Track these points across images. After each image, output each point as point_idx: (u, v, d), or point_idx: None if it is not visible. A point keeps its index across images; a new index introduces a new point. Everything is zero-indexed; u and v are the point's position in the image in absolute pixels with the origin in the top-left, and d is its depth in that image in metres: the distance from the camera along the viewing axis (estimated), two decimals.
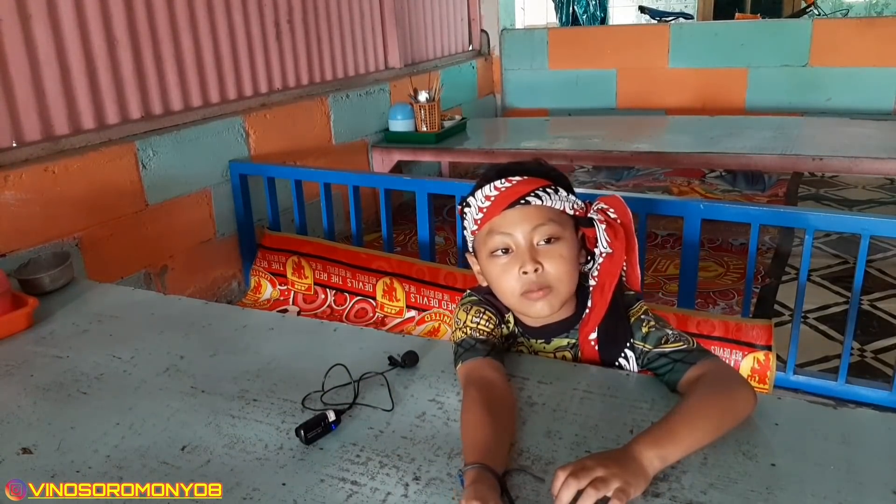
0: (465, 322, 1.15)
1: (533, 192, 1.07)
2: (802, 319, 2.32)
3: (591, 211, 1.10)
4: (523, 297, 1.06)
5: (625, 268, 1.12)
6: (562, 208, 1.08)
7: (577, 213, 1.10)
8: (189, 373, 1.22)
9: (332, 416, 1.01)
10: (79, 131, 2.28)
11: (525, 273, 1.05)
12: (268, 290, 2.74)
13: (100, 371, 1.25)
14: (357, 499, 0.88)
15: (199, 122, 2.65)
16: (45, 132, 2.18)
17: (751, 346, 1.78)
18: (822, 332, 2.50)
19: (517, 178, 1.07)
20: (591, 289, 1.11)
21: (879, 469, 0.89)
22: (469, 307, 1.16)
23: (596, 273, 1.11)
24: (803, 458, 0.91)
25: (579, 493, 0.79)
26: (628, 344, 1.11)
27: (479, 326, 1.14)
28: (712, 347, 1.68)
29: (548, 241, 1.06)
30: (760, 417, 0.99)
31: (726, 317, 1.92)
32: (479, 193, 1.09)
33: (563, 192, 1.08)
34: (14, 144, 2.09)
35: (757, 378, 1.77)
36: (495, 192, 1.07)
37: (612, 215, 1.09)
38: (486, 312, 1.15)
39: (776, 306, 2.73)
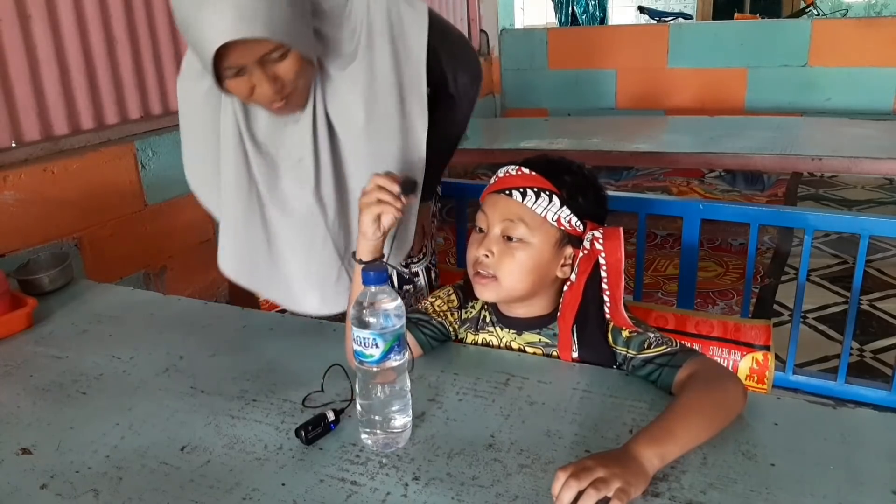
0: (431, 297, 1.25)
1: (522, 188, 1.08)
2: (802, 319, 2.32)
3: (585, 236, 1.10)
4: (475, 276, 1.11)
5: (608, 303, 1.11)
6: (544, 216, 1.08)
7: (568, 230, 1.10)
8: (189, 373, 1.22)
9: (331, 416, 1.01)
10: (78, 131, 2.27)
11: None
12: None
13: (99, 371, 1.25)
14: (357, 499, 0.88)
15: None
16: (44, 132, 2.17)
17: (749, 347, 1.77)
18: (821, 331, 2.51)
19: (527, 171, 1.10)
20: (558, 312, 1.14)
21: (879, 469, 0.89)
22: (450, 289, 1.23)
23: (561, 299, 1.13)
24: (803, 458, 0.91)
25: (580, 494, 0.79)
26: (615, 365, 1.13)
27: (435, 305, 1.22)
28: (711, 348, 1.67)
29: (518, 238, 1.08)
30: (760, 417, 0.99)
31: (725, 317, 1.92)
32: (498, 171, 1.15)
33: (556, 202, 1.08)
34: (13, 144, 2.09)
35: (756, 378, 1.76)
36: (502, 175, 1.13)
37: (599, 247, 1.07)
38: (453, 294, 1.22)
39: (775, 306, 2.73)
